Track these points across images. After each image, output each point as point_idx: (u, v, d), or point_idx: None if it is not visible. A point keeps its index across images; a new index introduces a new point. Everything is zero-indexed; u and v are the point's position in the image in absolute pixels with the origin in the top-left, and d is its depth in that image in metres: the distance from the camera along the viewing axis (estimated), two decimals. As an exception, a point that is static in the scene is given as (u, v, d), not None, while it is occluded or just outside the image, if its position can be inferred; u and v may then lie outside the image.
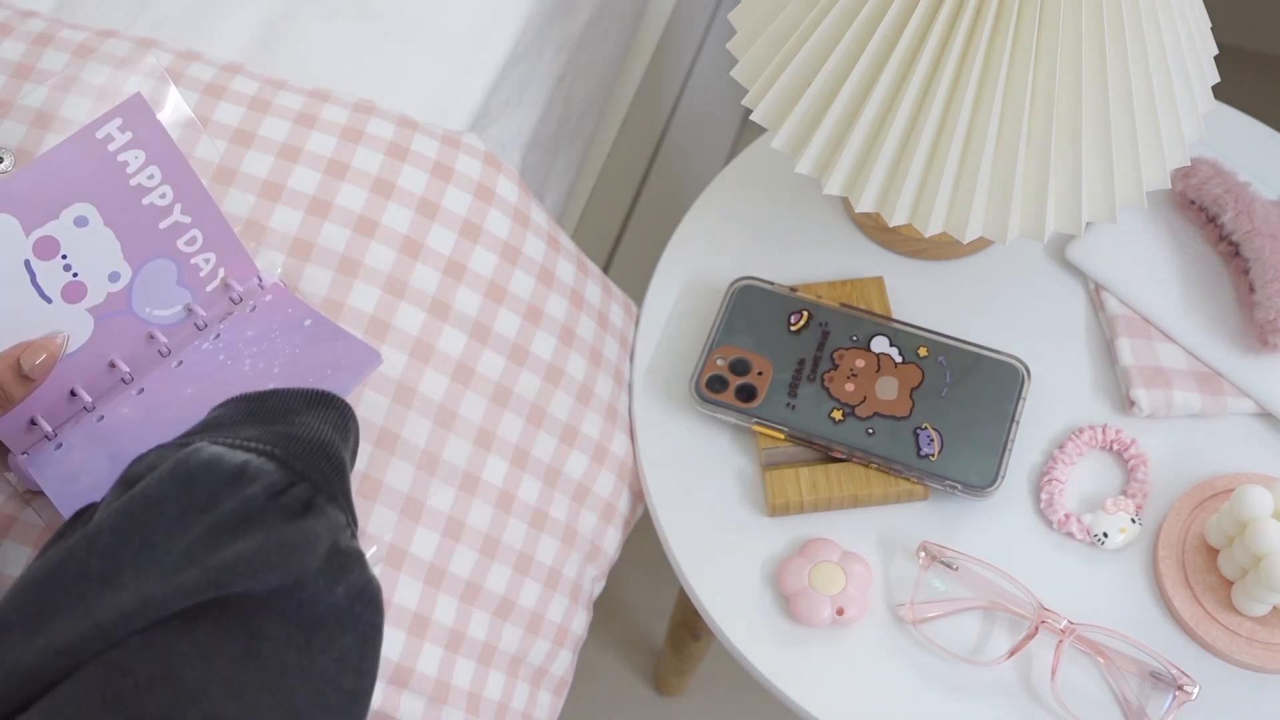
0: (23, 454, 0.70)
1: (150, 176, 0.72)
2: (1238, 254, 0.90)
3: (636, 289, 0.96)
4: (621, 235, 1.36)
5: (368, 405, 0.75)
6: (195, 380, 0.73)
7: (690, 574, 0.84)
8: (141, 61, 0.80)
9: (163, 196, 0.72)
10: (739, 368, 0.87)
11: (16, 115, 0.78)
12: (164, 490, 0.56)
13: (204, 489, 0.55)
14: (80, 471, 0.69)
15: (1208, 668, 0.80)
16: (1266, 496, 0.77)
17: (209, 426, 0.61)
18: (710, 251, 0.95)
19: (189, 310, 0.74)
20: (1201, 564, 0.82)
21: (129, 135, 0.71)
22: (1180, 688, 0.77)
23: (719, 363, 0.87)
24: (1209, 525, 0.81)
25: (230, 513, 0.55)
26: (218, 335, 0.74)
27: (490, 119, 0.94)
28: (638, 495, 0.89)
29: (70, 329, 0.71)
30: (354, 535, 0.59)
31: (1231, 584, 0.80)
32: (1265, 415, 0.88)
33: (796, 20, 0.78)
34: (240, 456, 0.57)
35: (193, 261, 0.73)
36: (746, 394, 0.86)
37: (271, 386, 0.69)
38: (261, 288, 0.75)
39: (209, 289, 0.74)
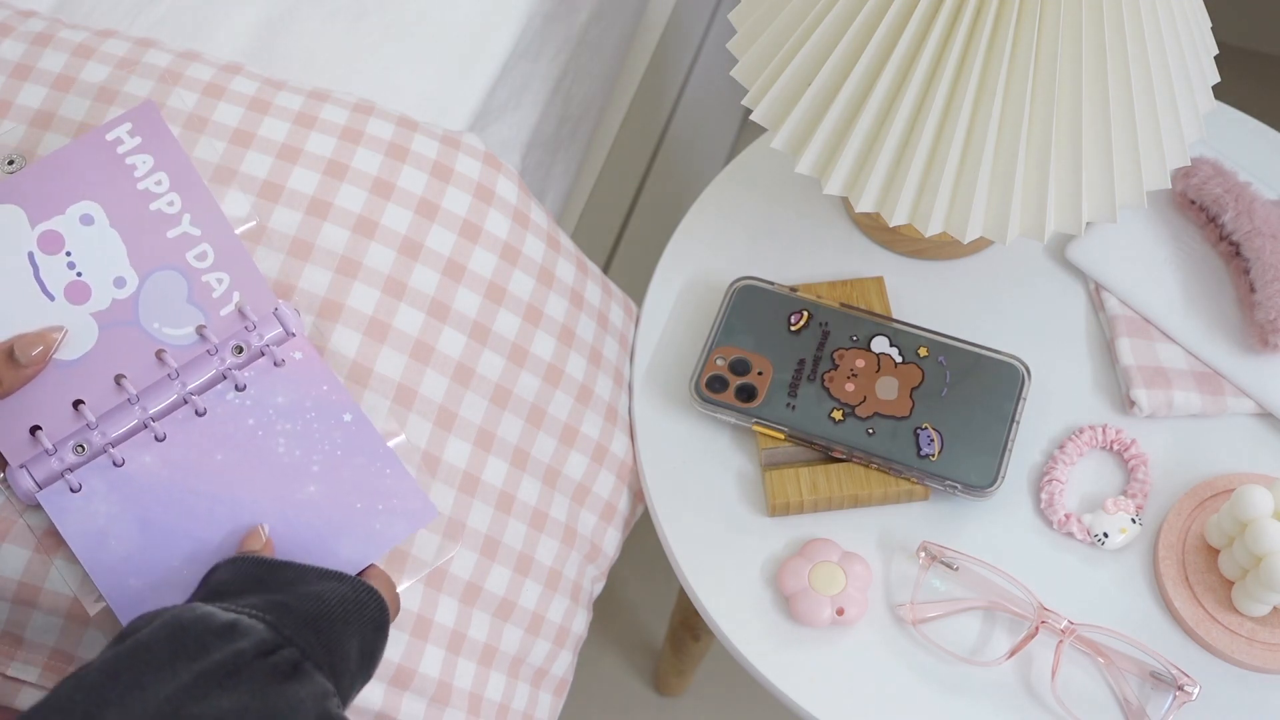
0: (21, 466, 0.69)
1: (158, 183, 0.71)
2: (1238, 254, 0.90)
3: (636, 289, 0.96)
4: (621, 235, 1.36)
5: (367, 408, 0.75)
6: (225, 444, 0.71)
7: (690, 574, 0.84)
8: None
9: (170, 204, 0.71)
10: (739, 368, 0.87)
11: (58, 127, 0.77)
12: (155, 636, 0.56)
13: (194, 638, 0.56)
14: (109, 532, 0.69)
15: (1208, 668, 0.80)
16: (1266, 496, 0.77)
17: (215, 593, 0.63)
18: (710, 251, 0.95)
19: (201, 334, 0.72)
20: (1202, 564, 0.82)
21: (138, 140, 0.71)
22: (1180, 688, 0.77)
23: (719, 363, 0.87)
24: (1209, 525, 0.81)
25: (219, 663, 0.56)
26: (244, 387, 0.72)
27: (490, 119, 0.94)
28: (637, 495, 0.89)
29: (73, 331, 0.70)
30: (341, 706, 0.59)
31: (1232, 584, 0.80)
32: (1265, 415, 0.88)
33: (796, 20, 0.78)
34: (231, 615, 0.58)
35: (204, 279, 0.72)
36: (746, 394, 0.86)
37: (310, 487, 0.70)
38: (290, 335, 0.73)
39: (223, 313, 0.72)
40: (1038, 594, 0.80)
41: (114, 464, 0.70)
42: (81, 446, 0.70)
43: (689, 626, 1.14)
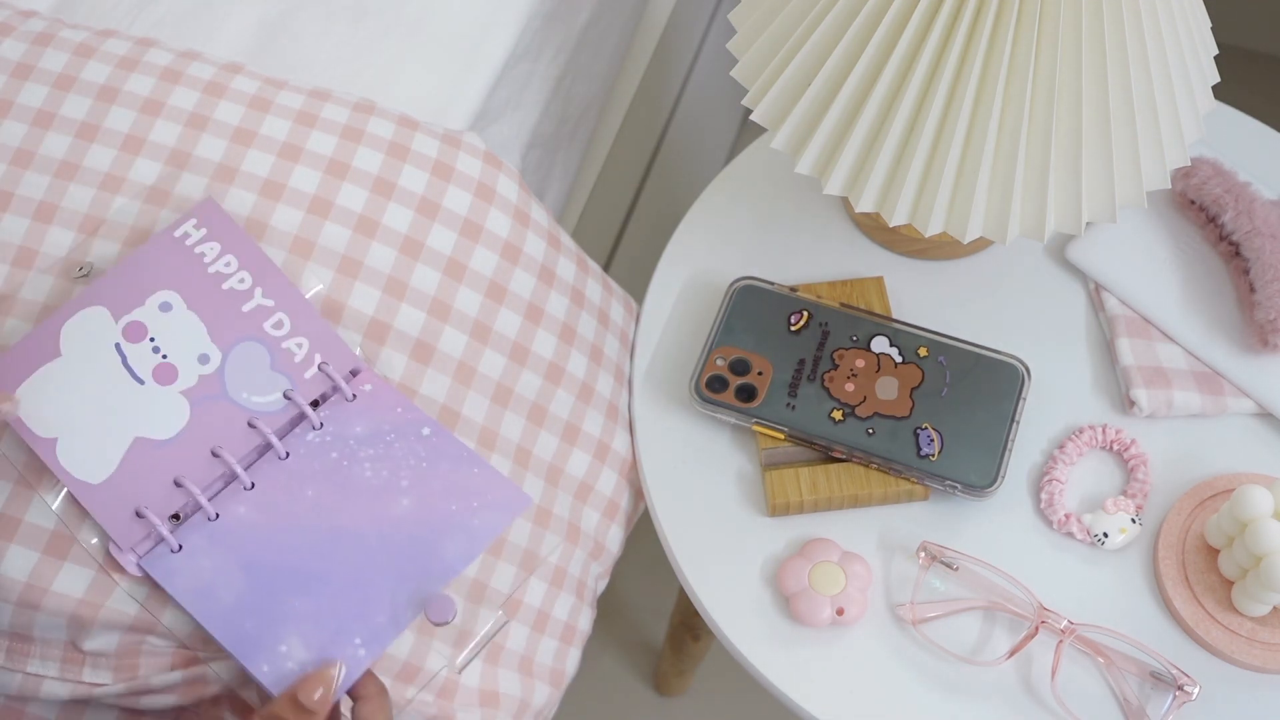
0: (131, 550, 0.70)
1: (228, 264, 0.75)
2: (1238, 254, 0.90)
3: (636, 289, 0.96)
4: (621, 235, 1.36)
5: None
6: (312, 479, 0.72)
7: (690, 574, 0.84)
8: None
9: (241, 281, 0.75)
10: (739, 368, 0.87)
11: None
12: None
13: None
14: (215, 583, 0.70)
15: (1208, 668, 0.80)
16: (1266, 496, 0.77)
17: None
18: (710, 251, 0.95)
19: (288, 398, 0.74)
20: (1201, 564, 0.82)
21: (204, 231, 0.75)
22: (1180, 688, 0.77)
23: (719, 363, 0.87)
24: (1209, 525, 0.81)
25: None
26: (321, 425, 0.74)
27: (490, 119, 0.94)
28: (639, 491, 0.89)
29: (164, 412, 0.72)
30: None
31: (1231, 584, 0.80)
32: (1265, 415, 0.88)
33: (796, 20, 0.78)
34: None
35: (284, 346, 0.74)
36: (746, 394, 0.86)
37: (403, 501, 0.71)
38: (353, 374, 0.75)
39: (307, 375, 0.74)
40: (1038, 594, 0.80)
41: (208, 519, 0.71)
42: (176, 515, 0.71)
43: (689, 626, 1.14)
